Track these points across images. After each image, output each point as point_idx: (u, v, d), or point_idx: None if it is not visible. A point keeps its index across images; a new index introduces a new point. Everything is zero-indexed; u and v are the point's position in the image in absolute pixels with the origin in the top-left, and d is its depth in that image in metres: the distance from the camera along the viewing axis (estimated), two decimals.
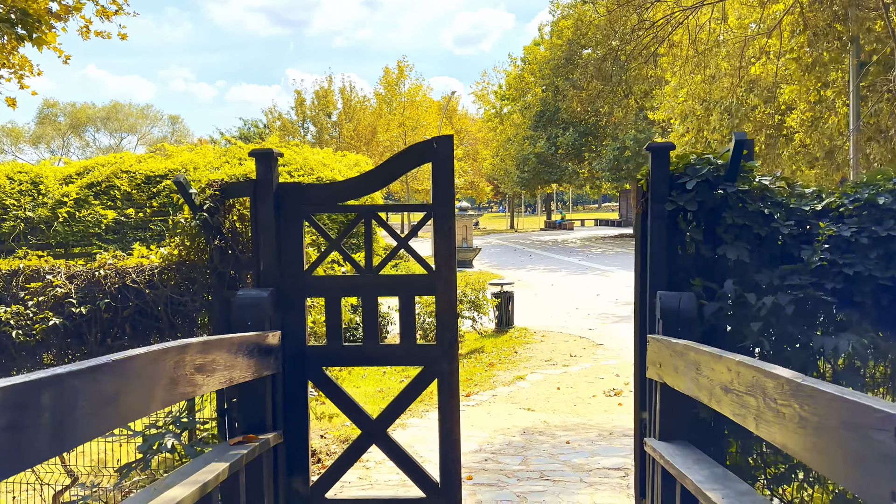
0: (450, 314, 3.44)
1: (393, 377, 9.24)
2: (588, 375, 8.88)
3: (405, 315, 3.59)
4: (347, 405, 3.63)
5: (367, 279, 3.64)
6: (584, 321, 13.39)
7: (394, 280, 3.58)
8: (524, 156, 31.42)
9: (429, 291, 3.46)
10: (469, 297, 11.63)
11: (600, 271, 21.31)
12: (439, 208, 3.37)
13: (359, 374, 9.44)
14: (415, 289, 3.53)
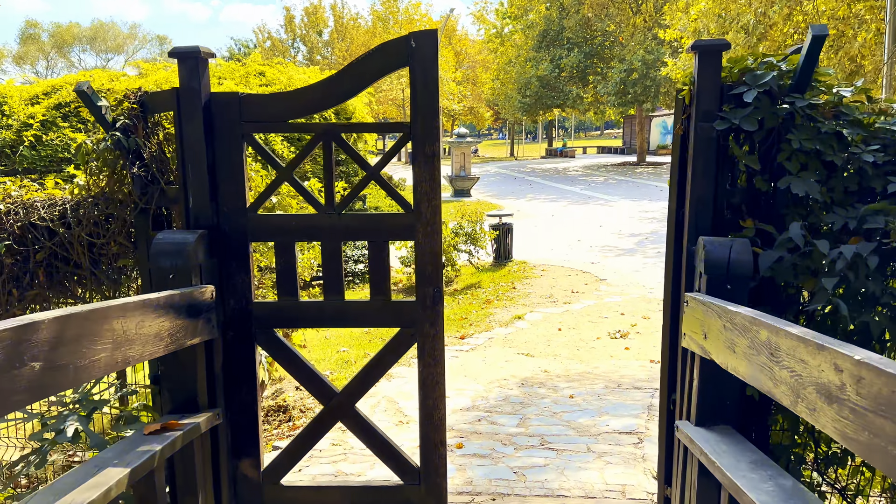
0: (433, 265, 2.70)
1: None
2: (591, 314, 8.26)
3: (376, 265, 2.85)
4: (306, 375, 2.94)
5: (328, 220, 2.88)
6: (586, 254, 12.71)
7: (361, 221, 2.82)
8: (526, 79, 29.97)
9: (406, 235, 2.71)
10: (465, 230, 10.90)
11: (603, 201, 20.51)
12: (420, 127, 2.57)
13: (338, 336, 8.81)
14: (388, 232, 2.77)
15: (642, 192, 22.54)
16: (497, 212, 12.30)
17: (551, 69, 29.52)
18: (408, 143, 2.67)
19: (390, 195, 2.84)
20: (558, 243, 13.86)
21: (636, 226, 15.69)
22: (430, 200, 2.62)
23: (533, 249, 13.29)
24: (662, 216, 16.87)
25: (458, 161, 22.25)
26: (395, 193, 2.85)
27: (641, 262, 11.83)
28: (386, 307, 2.91)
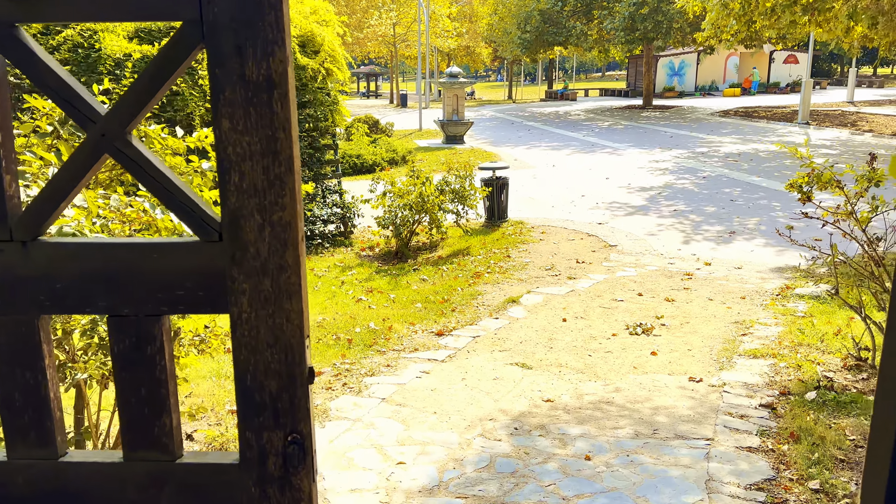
0: (283, 380, 1.08)
1: None
2: (602, 295, 6.72)
3: (128, 384, 1.22)
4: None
5: None
6: (591, 212, 11.11)
7: (69, 263, 1.14)
8: (526, 13, 27.64)
9: (201, 304, 1.03)
10: (452, 186, 9.25)
11: (609, 149, 18.75)
12: (225, 16, 0.98)
13: None
14: (142, 300, 1.10)
15: (651, 138, 20.75)
16: (490, 164, 10.62)
17: (554, 2, 27.20)
18: (200, 50, 1.05)
19: (149, 190, 1.16)
20: (560, 199, 12.24)
21: (647, 178, 14.03)
22: (272, 201, 1.03)
23: (531, 206, 11.67)
24: (676, 167, 15.18)
25: (451, 104, 20.36)
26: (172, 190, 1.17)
27: (656, 222, 10.24)
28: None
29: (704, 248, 8.73)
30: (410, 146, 19.59)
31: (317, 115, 9.90)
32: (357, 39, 33.79)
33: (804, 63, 44.09)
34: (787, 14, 13.41)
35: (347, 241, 10.00)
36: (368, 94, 59.39)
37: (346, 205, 9.99)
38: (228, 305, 0.98)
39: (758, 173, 13.91)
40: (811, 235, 9.52)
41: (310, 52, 10.09)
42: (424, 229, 9.48)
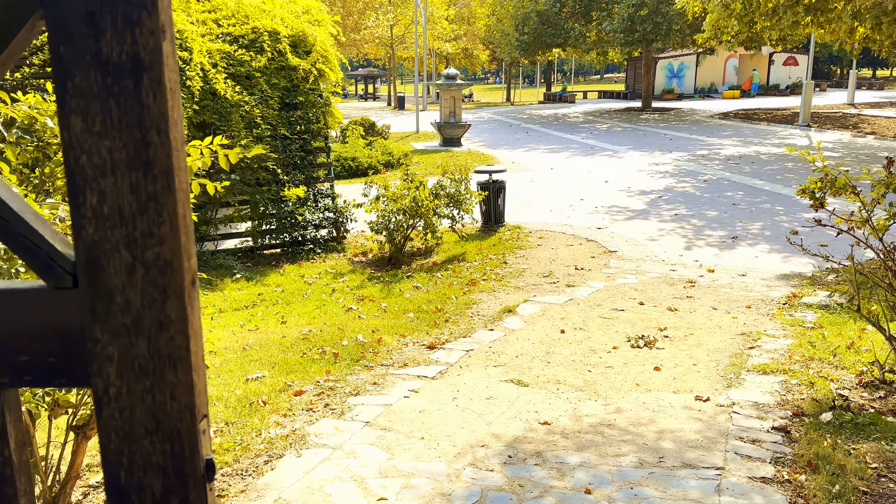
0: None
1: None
2: (602, 304, 6.45)
3: None
4: None
5: None
6: (590, 217, 10.84)
7: None
8: (524, 14, 27.35)
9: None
10: (448, 190, 8.98)
11: (609, 152, 18.49)
12: None
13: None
14: None
15: (651, 141, 20.50)
16: (487, 167, 10.35)
17: (552, 3, 26.94)
18: (38, 20, 0.78)
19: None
20: (558, 203, 11.97)
21: (647, 181, 13.76)
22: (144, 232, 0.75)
23: (529, 210, 11.41)
24: (677, 170, 14.93)
25: (447, 106, 20.10)
26: None
27: (656, 227, 9.98)
28: None
29: (707, 254, 8.46)
30: (407, 149, 19.33)
31: (309, 117, 9.63)
32: (353, 41, 33.53)
33: (804, 65, 43.90)
34: (790, 14, 13.16)
35: (340, 246, 9.73)
36: (367, 97, 59.13)
37: (339, 209, 9.71)
38: (90, 376, 0.70)
39: (760, 176, 13.65)
40: (816, 241, 9.28)
41: (301, 52, 9.83)
42: (419, 234, 9.21)
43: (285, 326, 5.77)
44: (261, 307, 7.23)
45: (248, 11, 9.88)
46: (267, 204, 9.20)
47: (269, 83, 9.43)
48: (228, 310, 7.28)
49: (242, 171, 8.98)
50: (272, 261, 9.29)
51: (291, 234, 9.33)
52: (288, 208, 9.20)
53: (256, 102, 9.17)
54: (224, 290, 8.06)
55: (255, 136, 9.08)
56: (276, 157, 9.14)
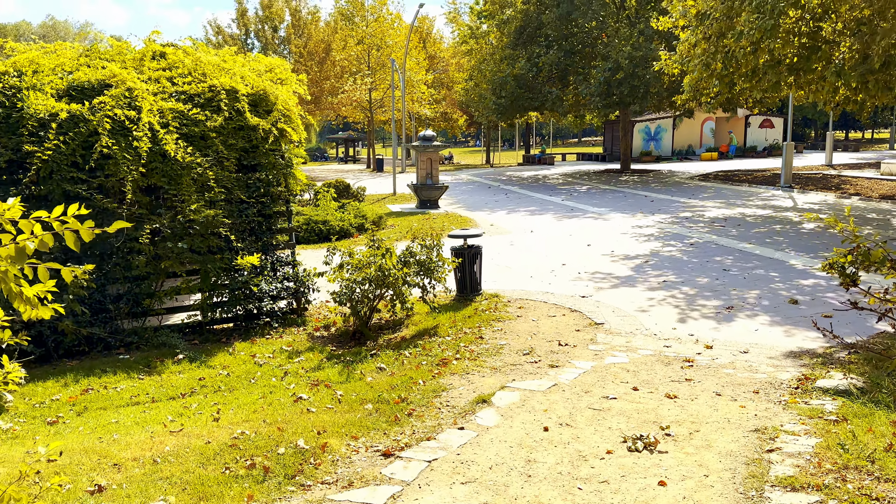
0: None
1: None
2: (591, 390, 5.61)
3: None
4: None
5: None
6: (573, 284, 10.10)
7: None
8: (501, 78, 27.29)
9: None
10: (418, 257, 8.20)
11: (590, 214, 17.95)
12: None
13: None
14: None
15: (632, 203, 20.06)
16: (462, 231, 9.63)
17: (529, 67, 26.96)
18: None
19: None
20: (539, 268, 11.23)
21: (631, 245, 13.12)
22: None
23: (507, 277, 10.65)
24: (661, 233, 14.34)
25: (424, 167, 19.58)
26: None
27: (645, 296, 9.24)
28: None
29: (703, 327, 7.70)
30: (382, 211, 18.67)
31: (268, 180, 8.89)
32: (331, 104, 33.37)
33: (779, 127, 44.57)
34: (772, 74, 12.87)
35: (301, 319, 8.85)
36: (347, 160, 59.10)
37: (300, 278, 8.88)
38: None
39: (748, 240, 13.08)
40: (818, 311, 8.58)
41: (262, 111, 9.17)
42: (387, 305, 8.39)
43: (216, 425, 4.84)
44: (199, 395, 6.30)
45: (206, 69, 9.27)
46: (219, 274, 8.35)
47: (226, 144, 8.72)
48: (162, 398, 6.34)
49: (192, 238, 8.16)
50: (223, 337, 8.37)
51: (245, 306, 8.46)
52: (242, 278, 8.36)
53: (210, 164, 8.43)
54: (163, 373, 7.12)
55: (208, 200, 8.31)
56: (229, 223, 8.35)
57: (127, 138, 8.09)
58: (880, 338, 6.96)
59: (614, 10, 28.55)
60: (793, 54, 13.12)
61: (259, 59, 10.45)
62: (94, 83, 8.48)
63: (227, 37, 32.05)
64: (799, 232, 13.80)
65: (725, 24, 13.07)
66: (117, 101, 8.19)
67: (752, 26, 12.03)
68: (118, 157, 7.94)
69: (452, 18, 50.45)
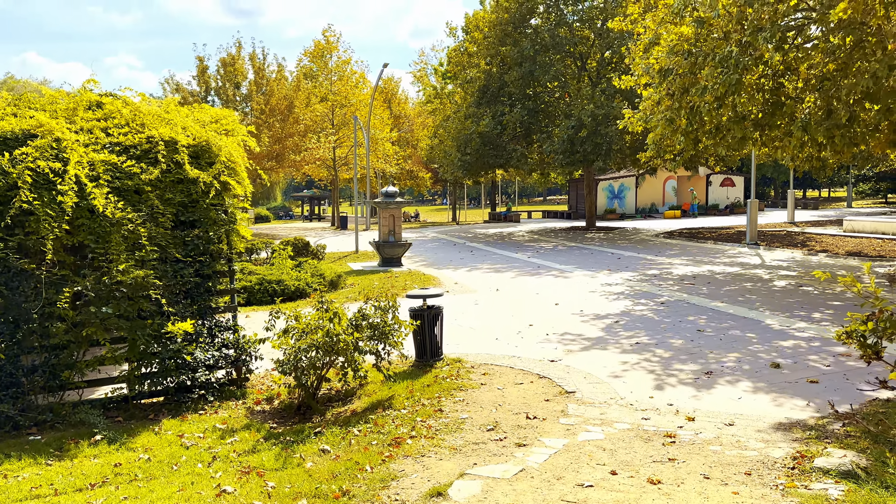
0: None
1: None
2: (563, 476, 4.88)
3: None
4: None
5: None
6: (541, 346, 9.44)
7: None
8: (466, 135, 27.18)
9: None
10: (371, 320, 7.47)
11: (556, 271, 17.46)
12: None
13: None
14: None
15: (599, 260, 19.67)
16: (421, 291, 8.94)
17: (493, 125, 26.92)
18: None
19: None
20: (505, 329, 10.56)
21: (600, 304, 12.57)
22: None
23: (471, 339, 9.95)
24: (630, 291, 13.84)
25: (387, 224, 18.99)
26: None
27: (618, 359, 8.61)
28: None
29: (682, 395, 7.06)
30: (342, 269, 17.92)
31: (208, 237, 8.14)
32: (294, 162, 32.87)
33: (740, 185, 45.38)
34: (737, 130, 12.69)
35: (241, 391, 7.98)
36: (312, 218, 58.47)
37: (241, 344, 8.05)
38: None
39: (720, 298, 12.63)
40: (803, 376, 8.02)
41: (204, 163, 8.50)
42: (338, 373, 7.59)
43: None
44: (110, 486, 5.38)
45: (146, 120, 8.59)
46: (149, 342, 7.48)
47: (163, 198, 7.98)
48: (68, 490, 5.41)
49: (119, 301, 7.32)
50: (151, 413, 7.44)
51: (177, 378, 7.57)
52: (174, 346, 7.50)
53: (144, 220, 7.67)
54: (76, 457, 6.18)
55: (139, 260, 7.51)
56: (161, 284, 7.54)
57: (50, 192, 7.31)
58: (873, 405, 6.39)
59: (575, 70, 28.90)
60: (757, 110, 13.01)
61: (205, 110, 9.85)
62: (18, 133, 7.75)
63: (187, 94, 31.59)
64: (771, 290, 13.43)
65: (689, 79, 12.94)
66: (42, 152, 7.45)
67: (716, 81, 11.87)
68: (39, 213, 7.14)
69: (419, 78, 51.07)
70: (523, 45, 26.58)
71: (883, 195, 56.48)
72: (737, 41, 11.52)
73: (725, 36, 12.21)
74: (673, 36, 13.38)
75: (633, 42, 17.12)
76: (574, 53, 28.23)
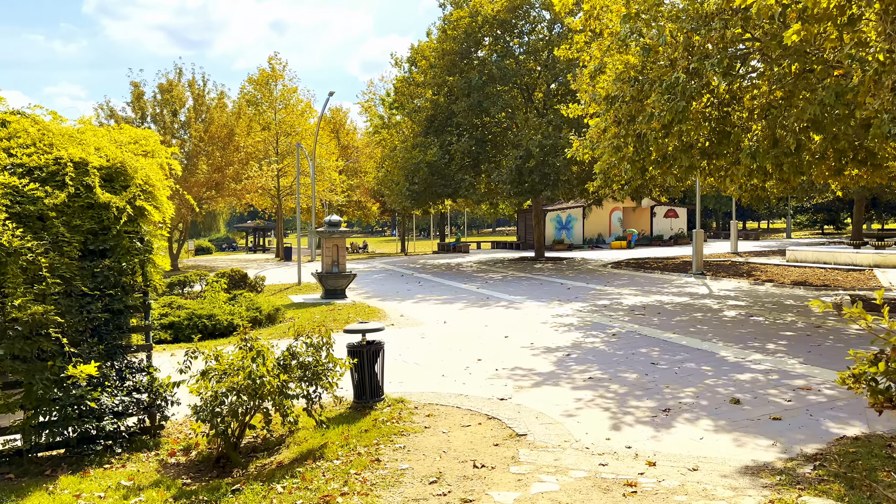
0: None
1: None
2: None
3: None
4: None
5: None
6: (490, 383, 8.85)
7: None
8: (414, 164, 26.76)
9: None
10: (302, 359, 6.75)
11: (505, 302, 16.98)
12: None
13: None
14: None
15: (549, 290, 19.31)
16: (360, 325, 8.25)
17: (441, 154, 26.57)
18: None
19: None
20: (452, 365, 9.94)
21: (551, 336, 12.09)
22: None
23: (416, 376, 9.29)
24: (581, 322, 13.43)
25: (330, 255, 18.24)
26: None
27: (571, 396, 8.08)
28: None
29: (641, 436, 6.54)
30: (282, 302, 17.03)
31: (121, 267, 7.32)
32: (234, 191, 31.79)
33: (683, 217, 46.23)
34: (684, 158, 12.54)
35: (154, 441, 7.11)
36: (256, 249, 56.98)
37: (156, 388, 7.20)
38: None
39: (672, 329, 12.32)
40: (765, 412, 7.62)
41: (118, 187, 7.70)
42: (264, 419, 6.81)
43: None
44: None
45: (55, 140, 7.75)
46: (48, 386, 6.58)
47: (70, 225, 7.14)
48: None
49: (13, 341, 6.42)
50: (48, 468, 6.51)
51: (80, 427, 6.67)
52: (77, 391, 6.61)
53: (46, 249, 6.82)
54: None
55: (39, 294, 6.64)
56: (65, 321, 6.68)
57: None
58: (842, 444, 6.00)
59: (522, 101, 28.94)
60: (704, 139, 12.92)
61: (124, 130, 9.05)
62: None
63: (121, 120, 30.28)
64: (722, 320, 13.21)
65: (636, 106, 12.77)
66: None
67: (662, 108, 11.70)
68: None
69: (366, 108, 50.71)
70: (471, 76, 26.49)
71: (819, 226, 58.52)
72: (684, 68, 11.39)
73: (672, 63, 12.10)
74: (619, 64, 13.24)
75: (580, 70, 17.04)
76: (521, 84, 28.27)
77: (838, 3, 6.65)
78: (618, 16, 13.03)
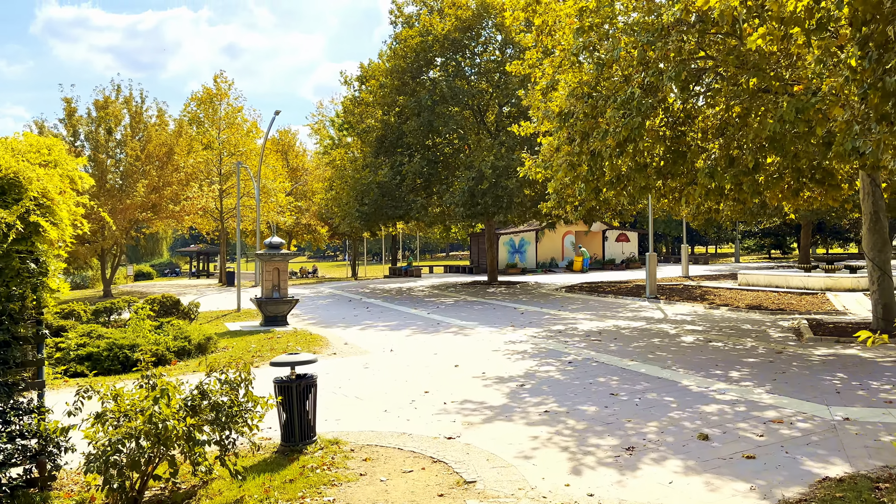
0: None
1: None
2: None
3: None
4: None
5: None
6: (437, 419, 8.02)
7: None
8: (364, 185, 25.93)
9: None
10: (214, 398, 5.81)
11: (456, 328, 16.19)
12: None
13: None
14: None
15: (502, 315, 18.62)
16: (289, 357, 7.33)
17: (392, 175, 25.83)
18: None
19: None
20: (396, 398, 9.08)
21: (504, 364, 11.34)
22: None
23: (356, 412, 8.40)
24: (536, 349, 12.73)
25: (270, 279, 17.19)
26: None
27: (526, 433, 7.30)
28: None
29: (603, 480, 5.80)
30: (216, 330, 15.88)
31: (9, 293, 6.28)
32: (173, 213, 30.34)
33: (635, 241, 46.44)
34: (639, 178, 12.07)
35: (42, 494, 6.02)
36: (199, 274, 54.98)
37: (47, 433, 6.14)
38: None
39: (630, 356, 11.71)
40: (736, 450, 6.97)
41: (10, 200, 6.68)
42: (171, 469, 5.83)
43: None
44: None
45: None
46: None
47: None
48: None
49: None
50: None
51: None
52: None
53: None
54: None
55: None
56: None
57: None
58: (826, 487, 5.37)
59: (475, 122, 28.52)
60: (660, 158, 12.51)
61: (27, 137, 8.02)
62: None
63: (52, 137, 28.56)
64: (680, 346, 12.69)
65: (590, 123, 12.28)
66: None
67: (618, 124, 11.21)
68: None
69: (316, 130, 49.77)
70: (421, 96, 25.94)
71: (767, 251, 59.73)
72: (639, 83, 10.94)
73: (626, 79, 11.67)
74: (572, 79, 12.78)
75: (532, 86, 16.59)
76: (473, 105, 27.87)
77: (806, 5, 6.20)
78: (570, 30, 12.59)
